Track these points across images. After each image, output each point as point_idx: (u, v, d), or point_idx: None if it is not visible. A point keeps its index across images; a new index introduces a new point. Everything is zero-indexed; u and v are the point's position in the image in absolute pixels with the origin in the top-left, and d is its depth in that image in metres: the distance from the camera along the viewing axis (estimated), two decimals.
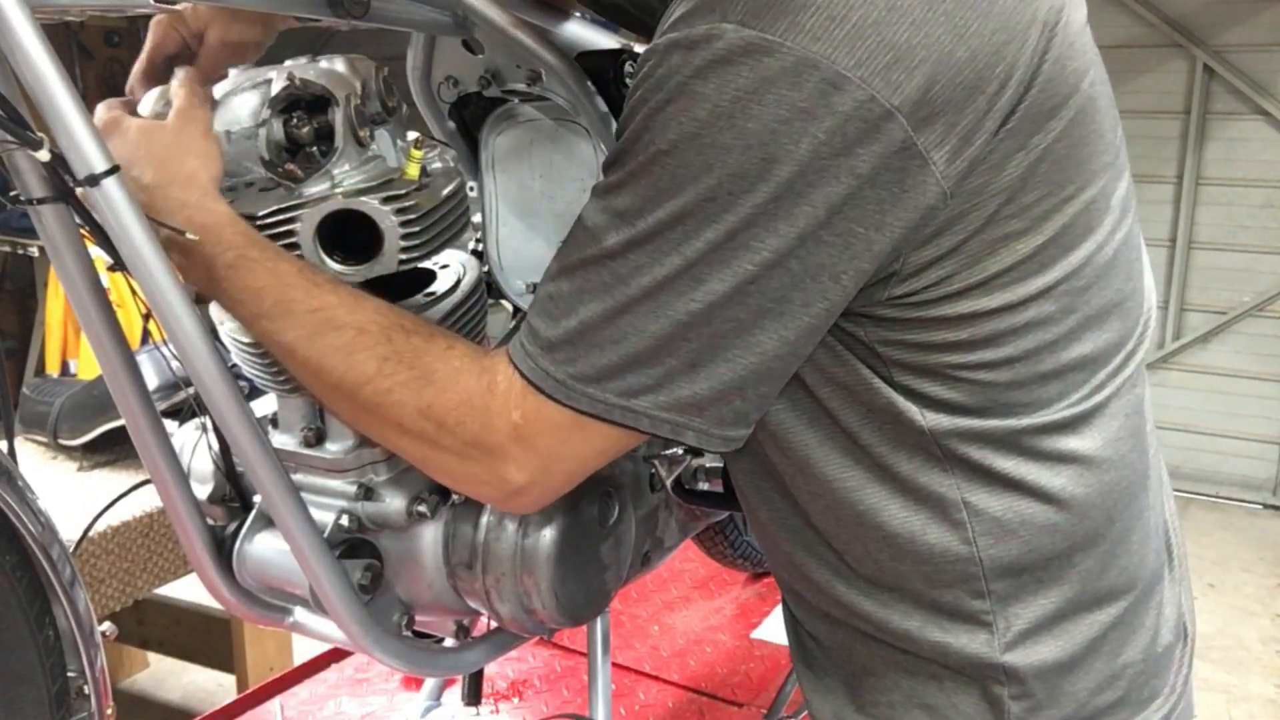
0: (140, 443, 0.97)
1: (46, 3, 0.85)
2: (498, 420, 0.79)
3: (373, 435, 0.89)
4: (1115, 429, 0.82)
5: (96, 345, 0.93)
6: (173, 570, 1.91)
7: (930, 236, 0.71)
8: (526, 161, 1.27)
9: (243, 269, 0.87)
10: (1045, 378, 0.78)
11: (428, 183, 1.03)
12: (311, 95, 0.99)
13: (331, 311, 0.85)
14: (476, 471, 0.82)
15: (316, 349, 0.85)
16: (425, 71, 1.27)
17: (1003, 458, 0.79)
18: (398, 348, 0.84)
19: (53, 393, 2.08)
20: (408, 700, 1.78)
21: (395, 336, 0.84)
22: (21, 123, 0.83)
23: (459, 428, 0.81)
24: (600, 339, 0.74)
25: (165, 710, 2.81)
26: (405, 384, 0.82)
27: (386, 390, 0.83)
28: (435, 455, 0.84)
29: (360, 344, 0.84)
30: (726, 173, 0.68)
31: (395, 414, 0.83)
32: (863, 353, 0.77)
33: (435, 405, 0.81)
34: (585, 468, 0.83)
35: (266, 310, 0.87)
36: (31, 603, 0.96)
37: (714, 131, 0.67)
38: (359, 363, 0.84)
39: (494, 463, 0.80)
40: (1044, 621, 0.81)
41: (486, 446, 0.80)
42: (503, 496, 0.84)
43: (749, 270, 0.70)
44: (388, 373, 0.83)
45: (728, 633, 2.03)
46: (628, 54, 1.21)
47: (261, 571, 1.08)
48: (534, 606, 1.09)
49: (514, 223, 1.29)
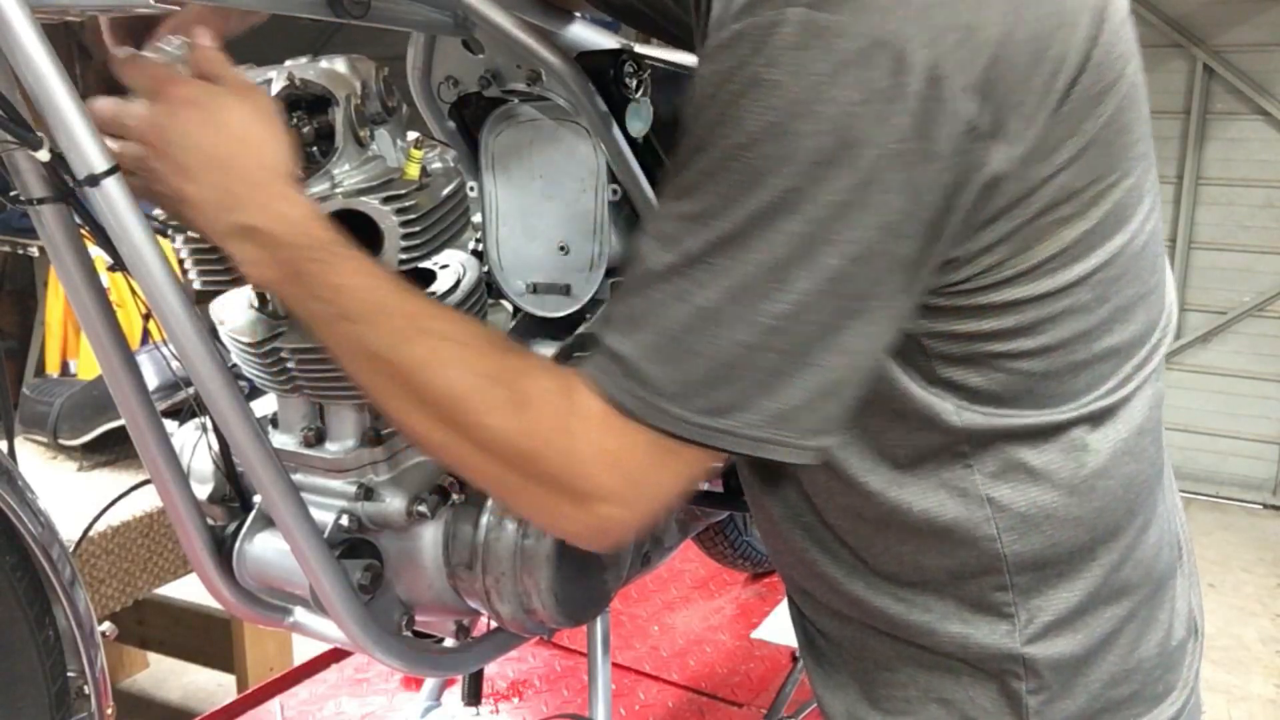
0: (140, 443, 0.97)
1: (46, 3, 0.85)
2: (584, 446, 0.73)
3: (457, 463, 0.80)
4: (1139, 422, 0.82)
5: (96, 345, 0.93)
6: (173, 570, 1.91)
7: (989, 220, 0.70)
8: (526, 161, 1.27)
9: (333, 265, 0.81)
10: (1077, 368, 0.77)
11: (428, 183, 1.03)
12: (312, 95, 0.99)
13: (425, 320, 0.79)
14: (562, 504, 0.76)
15: (405, 357, 0.78)
16: (425, 71, 1.27)
17: (1030, 451, 0.78)
18: (493, 365, 0.77)
19: (53, 393, 2.07)
20: (408, 700, 1.78)
21: (490, 352, 0.78)
22: (21, 123, 0.83)
23: (549, 454, 0.74)
24: (681, 352, 0.70)
25: (165, 710, 2.81)
26: (501, 406, 0.75)
27: (484, 410, 0.75)
28: (523, 485, 0.77)
29: (455, 356, 0.77)
30: (808, 160, 0.65)
31: (486, 436, 0.76)
32: (906, 349, 0.75)
33: (527, 433, 0.74)
34: (671, 495, 0.77)
35: (353, 311, 0.80)
36: (31, 603, 0.96)
37: (792, 120, 0.65)
38: (453, 378, 0.76)
39: (581, 494, 0.74)
40: (1066, 615, 0.81)
41: (574, 475, 0.74)
42: (589, 530, 0.77)
43: (834, 265, 0.67)
44: (483, 389, 0.76)
45: (728, 633, 2.03)
46: (628, 54, 1.21)
47: (261, 571, 1.08)
48: (534, 606, 1.09)
49: (514, 223, 1.29)
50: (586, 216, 1.27)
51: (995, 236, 0.71)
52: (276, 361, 1.04)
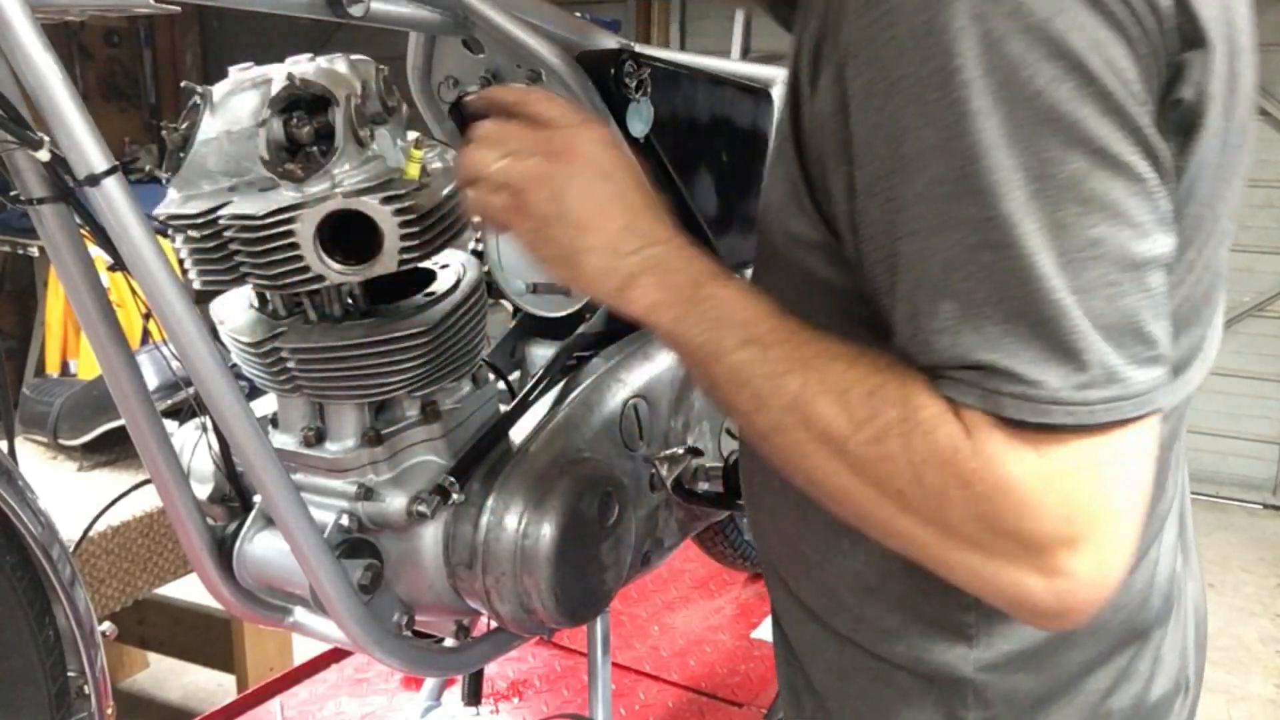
0: (140, 443, 0.97)
1: (46, 3, 0.85)
2: (996, 492, 0.60)
3: (864, 520, 0.68)
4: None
5: (96, 345, 0.93)
6: (173, 570, 1.91)
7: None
8: None
9: (737, 290, 0.73)
10: None
11: (427, 183, 1.03)
12: (312, 95, 0.99)
13: (825, 343, 0.69)
14: (1010, 572, 0.61)
15: (817, 387, 0.67)
16: (425, 71, 1.27)
17: None
18: (885, 379, 0.65)
19: (53, 393, 2.08)
20: (408, 700, 1.78)
21: (883, 368, 0.66)
22: (21, 123, 0.83)
23: (964, 491, 0.61)
24: (1050, 328, 0.58)
25: (165, 710, 2.81)
26: (895, 428, 0.64)
27: (877, 439, 0.64)
28: (942, 543, 0.64)
29: (852, 378, 0.66)
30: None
31: (888, 472, 0.64)
32: None
33: (930, 460, 0.62)
34: (1132, 512, 0.61)
35: (760, 335, 0.70)
36: (31, 603, 0.96)
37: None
38: (851, 402, 0.65)
39: (1027, 549, 0.60)
40: (1029, 649, 0.76)
41: (1001, 530, 0.60)
42: (1058, 599, 0.61)
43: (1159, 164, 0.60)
44: (880, 412, 0.64)
45: (728, 633, 2.03)
46: (628, 54, 1.21)
47: (261, 571, 1.08)
48: (534, 606, 1.09)
49: None
50: None
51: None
52: (276, 361, 1.04)
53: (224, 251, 0.99)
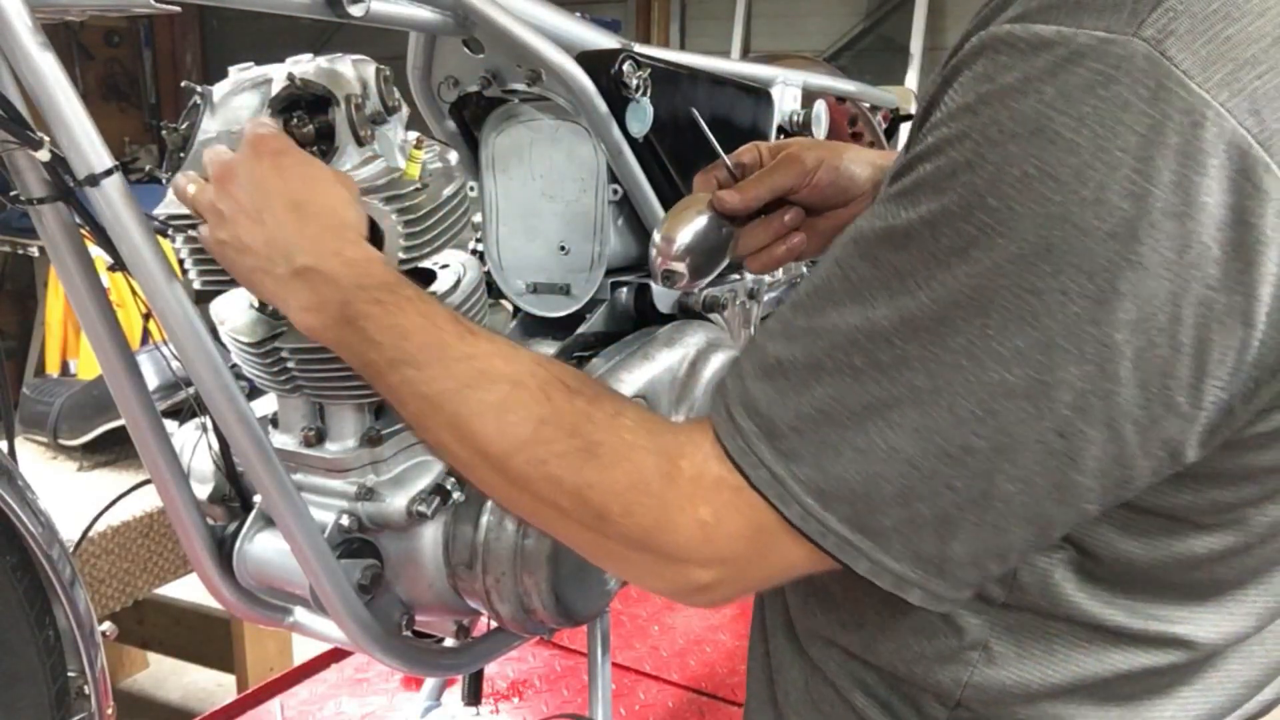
0: (140, 443, 0.97)
1: (46, 3, 0.85)
2: (679, 516, 0.63)
3: (529, 517, 0.72)
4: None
5: (96, 345, 0.93)
6: (173, 570, 1.91)
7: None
8: (526, 161, 1.27)
9: (391, 306, 0.76)
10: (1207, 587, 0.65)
11: (428, 183, 1.03)
12: (312, 95, 0.99)
13: (486, 361, 0.71)
14: (649, 566, 0.66)
15: (466, 405, 0.70)
16: (425, 71, 1.27)
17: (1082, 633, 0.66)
18: (558, 408, 0.68)
19: (53, 393, 2.07)
20: (408, 700, 1.78)
21: (556, 395, 0.69)
22: (22, 123, 0.83)
23: (626, 519, 0.64)
24: (838, 440, 0.58)
25: (165, 710, 2.81)
26: (562, 455, 0.66)
27: (540, 461, 0.67)
28: (601, 545, 0.68)
29: (515, 401, 0.69)
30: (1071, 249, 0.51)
31: (551, 492, 0.67)
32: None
33: (597, 487, 0.65)
34: (779, 579, 0.68)
35: (412, 355, 0.73)
36: (31, 603, 0.96)
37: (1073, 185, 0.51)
38: (510, 425, 0.68)
39: (670, 563, 0.64)
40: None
41: (662, 546, 0.64)
42: (681, 592, 0.67)
43: (1063, 419, 0.54)
44: (544, 438, 0.67)
45: (728, 633, 2.03)
46: (628, 54, 1.21)
47: (261, 571, 1.08)
48: (534, 606, 1.09)
49: (514, 223, 1.29)
50: (586, 216, 1.27)
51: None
52: (276, 361, 1.04)
53: None
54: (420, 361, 0.73)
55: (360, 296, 0.77)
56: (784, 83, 1.60)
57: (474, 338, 0.74)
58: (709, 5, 5.31)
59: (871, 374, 0.57)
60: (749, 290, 1.53)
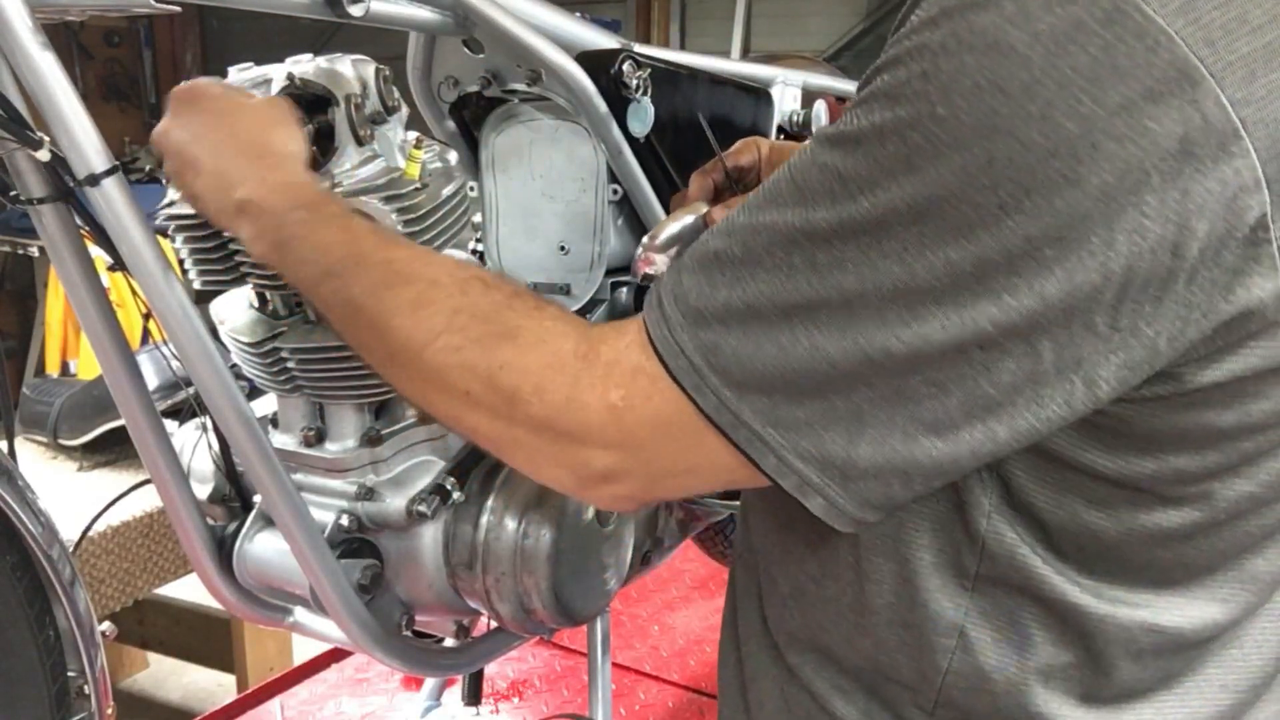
0: (140, 443, 0.97)
1: (46, 3, 0.85)
2: (589, 394, 0.63)
3: (439, 414, 0.73)
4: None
5: (96, 345, 0.93)
6: (173, 570, 1.91)
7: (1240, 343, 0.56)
8: (526, 161, 1.27)
9: (317, 225, 0.79)
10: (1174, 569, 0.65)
11: (428, 183, 1.03)
12: (312, 95, 0.99)
13: (404, 265, 0.73)
14: (552, 450, 0.67)
15: (384, 304, 0.72)
16: (425, 71, 1.27)
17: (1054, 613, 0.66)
18: (474, 300, 0.69)
19: (53, 393, 2.08)
20: (408, 700, 1.78)
21: (472, 289, 0.70)
22: (22, 123, 0.83)
23: (536, 397, 0.65)
24: (761, 335, 0.59)
25: (165, 710, 2.81)
26: (477, 340, 0.67)
27: (454, 349, 0.68)
28: (506, 433, 0.68)
29: (431, 297, 0.70)
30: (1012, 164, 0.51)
31: (463, 379, 0.68)
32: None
33: (511, 366, 0.66)
34: (682, 483, 0.67)
35: (334, 265, 0.75)
36: (31, 603, 0.96)
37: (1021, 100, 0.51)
38: (425, 318, 0.70)
39: (574, 444, 0.65)
40: None
41: (568, 425, 0.64)
42: (580, 482, 0.68)
43: (983, 331, 0.54)
44: (458, 326, 0.68)
45: None
46: (628, 54, 1.21)
47: (261, 571, 1.08)
48: (534, 606, 1.09)
49: (514, 223, 1.29)
50: (586, 216, 1.27)
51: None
52: (276, 361, 1.04)
53: (224, 251, 1.00)
54: (341, 271, 0.75)
55: (290, 219, 0.80)
56: (784, 83, 1.60)
57: (393, 245, 0.77)
58: (709, 5, 5.32)
59: (805, 273, 0.57)
60: None
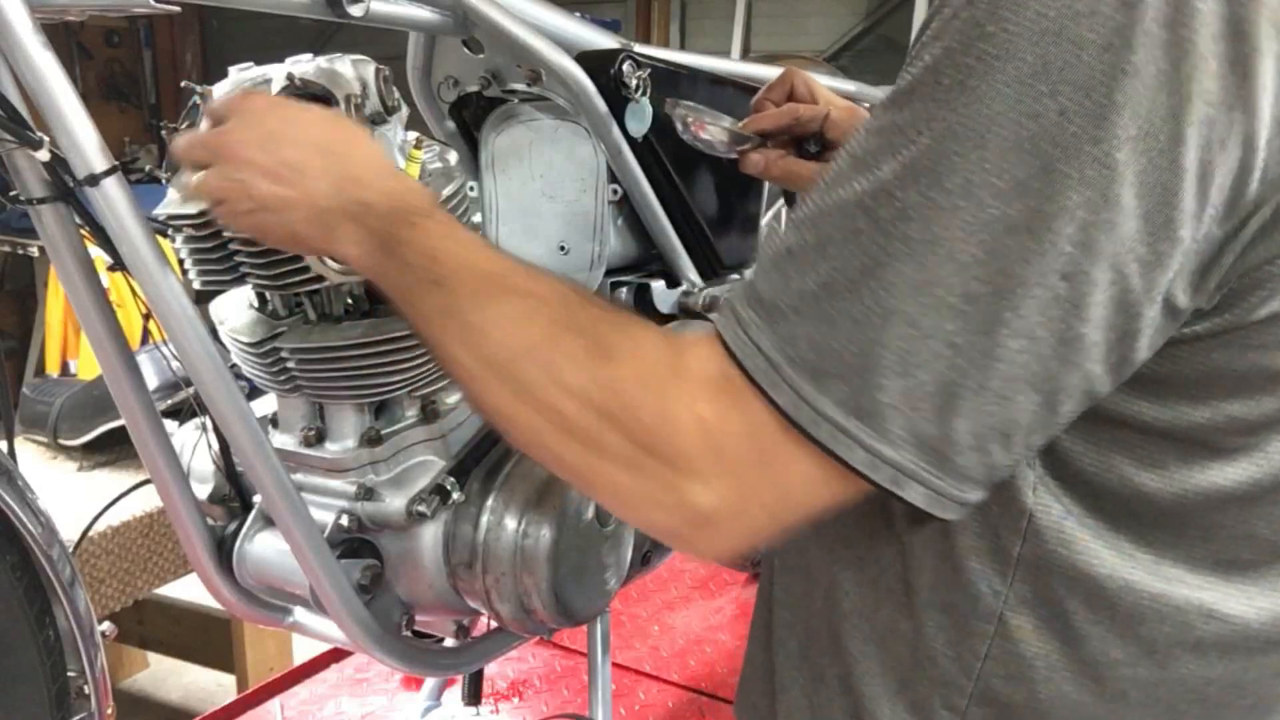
0: (140, 443, 0.97)
1: (46, 3, 0.85)
2: (679, 407, 0.59)
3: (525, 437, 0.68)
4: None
5: (96, 345, 0.93)
6: (173, 570, 1.91)
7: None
8: (526, 161, 1.27)
9: (423, 230, 0.75)
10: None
11: (428, 183, 1.03)
12: (311, 95, 0.99)
13: (511, 278, 0.70)
14: (649, 487, 0.61)
15: (483, 315, 0.69)
16: (425, 71, 1.27)
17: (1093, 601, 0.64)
18: (574, 313, 0.67)
19: (53, 393, 2.07)
20: (408, 700, 1.78)
21: (571, 302, 0.68)
22: (21, 123, 0.83)
23: (628, 414, 0.61)
24: (835, 312, 0.55)
25: (165, 710, 2.80)
26: (573, 355, 0.64)
27: (549, 364, 0.64)
28: (598, 463, 0.63)
29: (532, 310, 0.67)
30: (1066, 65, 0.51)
31: (555, 396, 0.63)
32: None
33: (604, 383, 0.62)
34: (789, 507, 0.61)
35: (440, 275, 0.72)
36: (31, 603, 0.96)
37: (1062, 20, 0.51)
38: (525, 330, 0.66)
39: (671, 473, 0.60)
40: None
41: (660, 446, 0.60)
42: (683, 524, 0.62)
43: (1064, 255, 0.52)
44: (554, 338, 0.65)
45: (728, 633, 2.03)
46: (628, 54, 1.21)
47: (261, 571, 1.08)
48: (534, 606, 1.09)
49: (514, 223, 1.29)
50: (586, 216, 1.27)
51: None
52: (276, 361, 1.04)
53: (224, 251, 1.00)
54: (445, 279, 0.72)
55: (398, 222, 0.76)
56: None
57: (500, 257, 0.73)
58: (709, 5, 5.32)
59: (870, 234, 0.55)
60: None
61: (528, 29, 1.15)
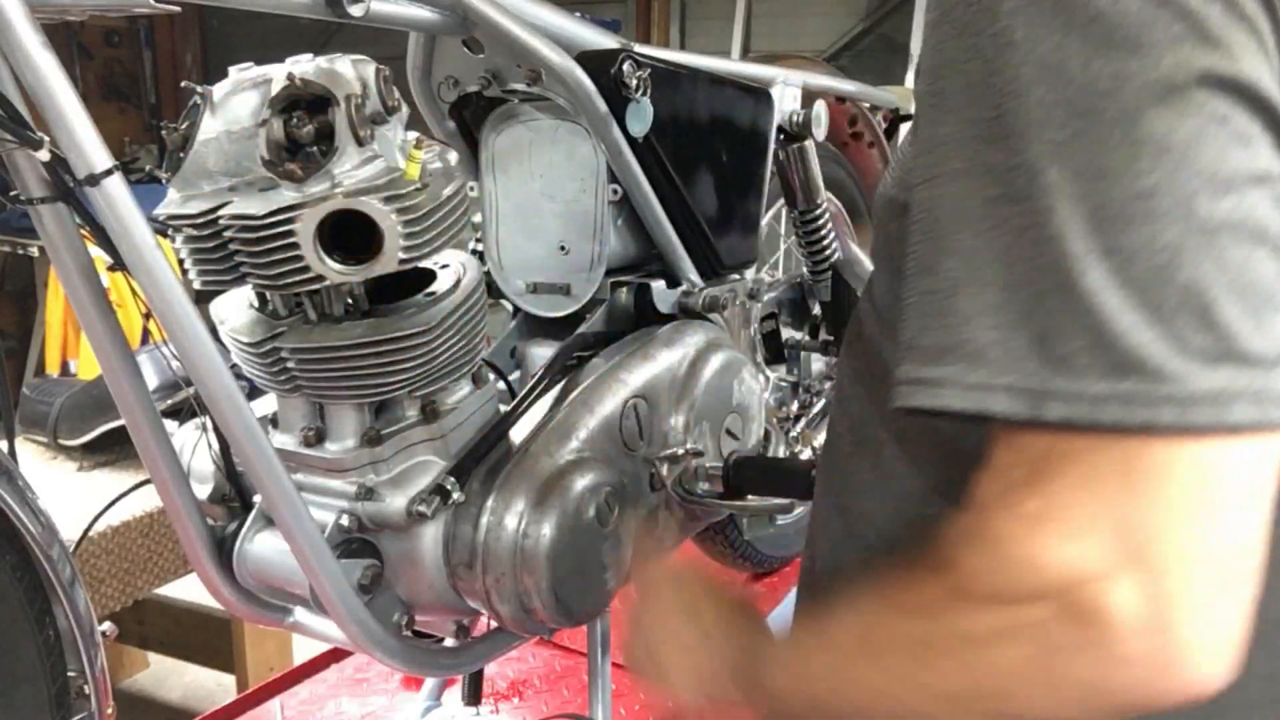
0: (140, 443, 0.97)
1: (46, 3, 0.85)
2: (1013, 548, 0.48)
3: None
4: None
5: (96, 345, 0.93)
6: (173, 570, 1.91)
7: None
8: (526, 161, 1.27)
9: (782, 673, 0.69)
10: None
11: (428, 183, 1.03)
12: (312, 95, 0.99)
13: (856, 660, 0.60)
14: (1073, 639, 0.47)
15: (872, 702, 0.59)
16: (425, 71, 1.27)
17: None
18: (877, 641, 0.58)
19: (53, 393, 2.07)
20: (408, 700, 1.78)
21: (887, 614, 0.58)
22: (22, 122, 0.83)
23: (983, 603, 0.50)
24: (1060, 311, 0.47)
25: (165, 710, 2.81)
26: (926, 672, 0.54)
27: (941, 688, 0.54)
28: (1051, 663, 0.48)
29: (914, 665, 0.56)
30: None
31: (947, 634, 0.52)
32: None
33: (965, 578, 0.51)
34: (1202, 544, 0.45)
35: (822, 698, 0.63)
36: (31, 603, 0.96)
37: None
38: (897, 691, 0.57)
39: (1027, 595, 0.48)
40: None
41: (1014, 581, 0.48)
42: (1133, 659, 0.46)
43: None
44: (903, 669, 0.56)
45: None
46: (628, 54, 1.21)
47: (261, 571, 1.08)
48: (534, 606, 1.09)
49: (514, 223, 1.29)
50: (586, 216, 1.27)
51: None
52: (276, 361, 1.04)
53: (224, 251, 0.99)
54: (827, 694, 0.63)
55: (758, 670, 0.71)
56: (784, 83, 1.60)
57: (824, 648, 0.64)
58: (709, 5, 5.32)
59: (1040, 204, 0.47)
60: (749, 290, 1.53)
61: (528, 29, 1.15)
